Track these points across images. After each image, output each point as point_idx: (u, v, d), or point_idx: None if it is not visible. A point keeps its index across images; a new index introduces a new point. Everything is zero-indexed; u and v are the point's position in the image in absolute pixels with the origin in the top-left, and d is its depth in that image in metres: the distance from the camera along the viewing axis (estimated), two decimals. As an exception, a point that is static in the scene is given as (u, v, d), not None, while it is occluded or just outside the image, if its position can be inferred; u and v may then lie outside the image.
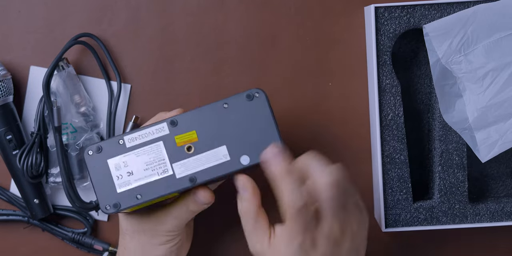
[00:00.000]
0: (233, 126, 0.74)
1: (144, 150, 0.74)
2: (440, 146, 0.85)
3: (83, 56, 0.88)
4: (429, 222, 0.85)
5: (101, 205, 0.73)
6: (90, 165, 0.74)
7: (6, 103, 0.84)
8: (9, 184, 0.88)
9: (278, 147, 0.70)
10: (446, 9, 0.84)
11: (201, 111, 0.74)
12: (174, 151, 0.73)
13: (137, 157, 0.74)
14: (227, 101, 0.74)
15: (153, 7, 0.88)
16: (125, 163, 0.73)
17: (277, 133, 0.74)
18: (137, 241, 0.78)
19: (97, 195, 0.74)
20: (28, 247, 0.89)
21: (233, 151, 0.74)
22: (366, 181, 0.89)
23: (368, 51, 0.87)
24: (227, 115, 0.74)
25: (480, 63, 0.81)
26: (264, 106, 0.74)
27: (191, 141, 0.74)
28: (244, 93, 0.74)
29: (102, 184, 0.73)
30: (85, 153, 0.74)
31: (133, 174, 0.74)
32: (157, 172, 0.74)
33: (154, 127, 0.74)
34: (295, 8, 0.88)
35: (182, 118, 0.74)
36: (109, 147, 0.74)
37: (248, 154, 0.74)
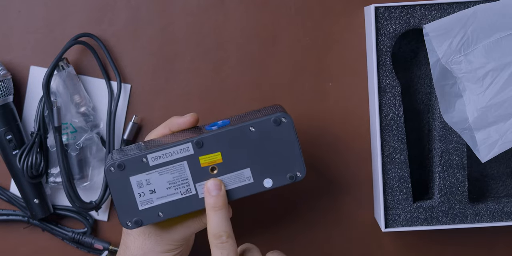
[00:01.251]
0: (258, 149, 0.74)
1: (168, 169, 0.74)
2: (440, 146, 0.85)
3: (83, 56, 0.88)
4: (429, 222, 0.85)
5: (122, 221, 0.73)
6: (112, 182, 0.73)
7: (6, 103, 0.84)
8: (9, 184, 0.88)
9: (216, 183, 0.73)
10: (446, 9, 0.84)
11: (227, 133, 0.74)
12: (198, 171, 0.74)
13: (160, 175, 0.74)
14: (254, 124, 0.74)
15: (153, 7, 0.88)
16: (147, 181, 0.73)
17: (301, 159, 0.75)
18: (141, 244, 0.77)
19: (118, 211, 0.74)
20: (28, 247, 0.89)
21: (257, 174, 0.74)
22: (366, 181, 0.89)
23: (368, 51, 0.87)
24: (253, 139, 0.74)
25: (480, 63, 0.81)
26: (290, 132, 0.74)
27: (216, 162, 0.74)
28: (271, 117, 0.74)
29: (124, 201, 0.73)
30: (107, 170, 0.73)
31: (156, 192, 0.74)
32: (180, 192, 0.74)
33: (179, 147, 0.74)
34: (295, 8, 0.88)
35: (207, 139, 0.74)
36: (132, 165, 0.73)
37: (272, 178, 0.74)
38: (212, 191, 0.73)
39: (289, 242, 0.90)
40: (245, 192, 0.75)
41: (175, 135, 0.77)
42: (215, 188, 0.73)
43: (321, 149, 0.89)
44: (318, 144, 0.89)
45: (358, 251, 0.90)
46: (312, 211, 0.90)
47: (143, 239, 0.77)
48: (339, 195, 0.89)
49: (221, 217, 0.72)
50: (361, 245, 0.90)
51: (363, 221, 0.90)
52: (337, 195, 0.90)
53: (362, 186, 0.89)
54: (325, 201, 0.89)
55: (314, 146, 0.89)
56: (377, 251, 0.90)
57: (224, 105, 0.89)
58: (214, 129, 0.74)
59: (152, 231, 0.77)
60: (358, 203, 0.90)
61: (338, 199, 0.89)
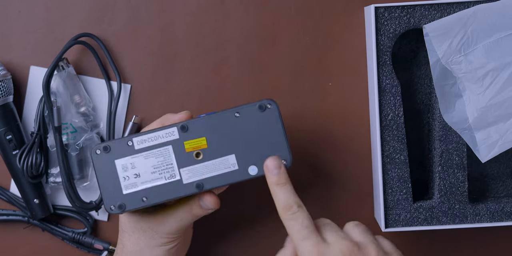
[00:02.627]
0: (243, 135, 0.74)
1: (153, 153, 0.74)
2: (440, 146, 0.85)
3: (83, 56, 0.88)
4: (429, 222, 0.85)
5: (106, 205, 0.73)
6: (97, 164, 0.74)
7: (6, 103, 0.84)
8: (9, 184, 0.89)
9: (275, 160, 0.72)
10: (446, 9, 0.84)
11: (212, 118, 0.74)
12: (183, 156, 0.73)
13: (145, 159, 0.74)
14: (239, 110, 0.74)
15: (153, 7, 0.88)
16: (132, 164, 0.73)
17: (287, 146, 0.74)
18: (136, 240, 0.78)
19: (102, 195, 0.74)
20: (28, 247, 0.89)
21: (242, 161, 0.74)
22: (366, 181, 0.89)
23: (368, 51, 0.87)
24: (238, 124, 0.74)
25: (480, 63, 0.81)
26: (275, 118, 0.74)
27: (200, 147, 0.74)
28: (257, 103, 0.74)
29: (108, 184, 0.73)
30: (93, 152, 0.73)
31: (140, 176, 0.74)
32: (164, 176, 0.74)
33: (164, 131, 0.74)
34: (295, 8, 0.88)
35: (192, 123, 0.74)
36: (118, 148, 0.73)
37: (257, 165, 0.74)
38: (273, 170, 0.72)
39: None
40: (229, 180, 0.74)
41: None
42: (275, 168, 0.72)
43: (321, 149, 0.89)
44: (318, 144, 0.89)
45: (358, 251, 0.90)
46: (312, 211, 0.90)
47: (138, 235, 0.77)
48: (339, 195, 0.89)
49: (287, 190, 0.71)
50: (361, 245, 0.90)
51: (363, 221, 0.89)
52: (337, 195, 0.90)
53: (362, 186, 0.89)
54: (325, 201, 0.89)
55: (314, 146, 0.89)
56: (377, 251, 0.90)
57: (224, 105, 0.89)
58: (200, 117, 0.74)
59: (145, 226, 0.77)
60: (358, 203, 0.90)
61: (338, 199, 0.89)
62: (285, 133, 0.74)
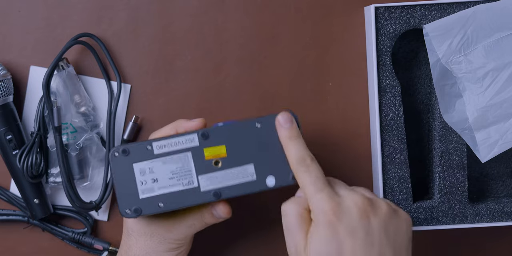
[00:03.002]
0: (263, 146, 0.74)
1: (172, 158, 0.73)
2: (440, 146, 0.85)
3: (83, 56, 0.88)
4: (429, 222, 0.85)
5: (121, 209, 0.73)
6: (114, 167, 0.73)
7: (6, 103, 0.84)
8: (9, 184, 0.89)
9: (286, 115, 0.73)
10: (446, 9, 0.84)
11: (233, 127, 0.74)
12: (202, 163, 0.73)
13: (164, 164, 0.73)
14: (261, 121, 0.74)
15: (153, 7, 0.88)
16: (150, 169, 0.73)
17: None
18: (143, 244, 0.77)
19: (118, 198, 0.73)
20: (28, 247, 0.89)
21: (260, 171, 0.74)
22: (366, 181, 0.89)
23: (368, 51, 0.87)
24: (258, 135, 0.74)
25: (480, 63, 0.81)
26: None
27: (220, 155, 0.74)
28: (277, 114, 0.74)
29: (125, 188, 0.73)
30: (111, 155, 0.73)
31: (158, 181, 0.73)
32: (182, 183, 0.73)
33: (185, 137, 0.73)
34: (295, 8, 0.88)
35: (213, 131, 0.74)
36: (136, 151, 0.73)
37: (275, 176, 0.74)
38: (284, 124, 0.73)
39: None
40: (247, 190, 0.74)
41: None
42: (287, 121, 0.73)
43: (321, 149, 0.89)
44: (318, 144, 0.89)
45: (358, 251, 0.90)
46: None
47: (145, 239, 0.77)
48: (339, 195, 0.89)
49: (300, 143, 0.72)
50: (361, 245, 0.90)
51: (363, 221, 0.90)
52: (337, 195, 0.89)
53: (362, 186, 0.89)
54: (325, 201, 0.89)
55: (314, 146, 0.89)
56: (377, 251, 0.90)
57: (224, 105, 0.89)
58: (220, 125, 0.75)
59: (154, 231, 0.77)
60: (358, 203, 0.90)
61: (338, 199, 0.89)
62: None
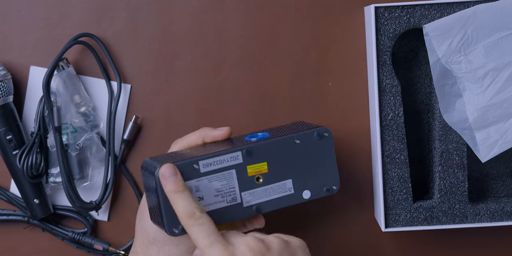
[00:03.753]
0: (300, 161, 0.76)
1: (217, 176, 0.74)
2: (440, 146, 0.85)
3: (83, 56, 0.88)
4: (429, 222, 0.85)
5: (168, 228, 0.72)
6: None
7: (6, 103, 0.84)
8: (9, 184, 0.88)
9: (170, 168, 0.71)
10: (446, 9, 0.84)
11: (275, 143, 0.75)
12: (245, 180, 0.75)
13: (209, 182, 0.73)
14: (299, 137, 0.76)
15: (153, 7, 0.88)
16: (197, 187, 0.73)
17: (337, 172, 0.78)
18: (167, 254, 0.76)
19: (164, 217, 0.72)
20: (28, 247, 0.89)
21: (297, 185, 0.76)
22: (366, 181, 0.89)
23: (368, 51, 0.87)
24: (297, 150, 0.76)
25: (480, 63, 0.81)
26: (330, 146, 0.77)
27: (262, 172, 0.75)
28: (315, 130, 0.77)
29: (172, 207, 0.72)
30: (158, 174, 0.71)
31: (204, 199, 0.73)
32: (226, 200, 0.74)
33: (229, 155, 0.74)
34: (295, 8, 0.88)
35: (256, 148, 0.75)
36: (184, 170, 0.72)
37: (310, 190, 0.77)
38: (169, 177, 0.70)
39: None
40: (285, 203, 0.76)
41: (213, 145, 0.76)
42: (171, 175, 0.70)
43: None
44: (318, 144, 0.89)
45: (358, 251, 0.90)
46: (312, 211, 0.90)
47: (170, 248, 0.75)
48: (339, 195, 0.89)
49: (186, 197, 0.70)
50: (361, 245, 0.90)
51: (363, 221, 0.90)
52: (337, 195, 0.89)
53: (362, 186, 0.89)
54: (325, 201, 0.89)
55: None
56: (377, 251, 0.90)
57: (224, 105, 0.89)
58: (255, 140, 0.76)
59: (182, 240, 0.75)
60: (358, 203, 0.90)
61: (338, 199, 0.89)
62: (335, 160, 0.78)
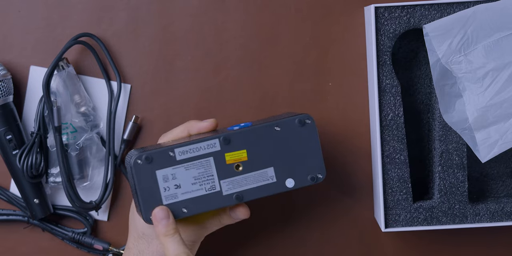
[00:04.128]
0: (282, 148, 0.76)
1: (194, 164, 0.74)
2: (440, 146, 0.85)
3: (83, 56, 0.88)
4: (429, 222, 0.85)
5: (145, 215, 0.73)
6: (138, 175, 0.73)
7: (6, 103, 0.84)
8: (9, 184, 0.88)
9: (163, 211, 0.72)
10: (446, 9, 0.84)
11: (253, 131, 0.75)
12: (223, 168, 0.74)
13: (186, 170, 0.74)
14: (279, 124, 0.75)
15: (153, 7, 0.88)
16: (173, 175, 0.73)
17: (322, 160, 0.76)
18: (156, 247, 0.77)
19: (141, 205, 0.73)
20: (28, 247, 0.89)
21: (280, 173, 0.76)
22: (366, 181, 0.89)
23: (368, 51, 0.87)
24: (278, 138, 0.75)
25: (480, 63, 0.81)
26: (313, 133, 0.76)
27: (241, 159, 0.75)
28: (296, 118, 0.76)
29: (148, 195, 0.73)
30: (133, 162, 0.73)
31: (181, 187, 0.74)
32: (204, 188, 0.74)
33: (206, 143, 0.74)
34: (295, 8, 0.88)
35: (234, 136, 0.74)
36: (159, 158, 0.73)
37: (294, 178, 0.76)
38: (160, 221, 0.72)
39: (289, 242, 0.90)
40: (267, 192, 0.75)
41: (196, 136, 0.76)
42: (164, 217, 0.72)
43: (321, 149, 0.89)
44: (318, 144, 0.89)
45: (358, 251, 0.90)
46: (312, 211, 0.90)
47: (158, 243, 0.76)
48: (339, 195, 0.89)
49: (177, 241, 0.72)
50: (361, 245, 0.90)
51: (363, 221, 0.90)
52: (337, 195, 0.90)
53: (362, 186, 0.89)
54: (325, 201, 0.89)
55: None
56: (377, 251, 0.90)
57: (224, 105, 0.89)
58: (237, 129, 0.75)
59: None
60: (358, 203, 0.90)
61: (338, 199, 0.89)
62: (320, 148, 0.76)
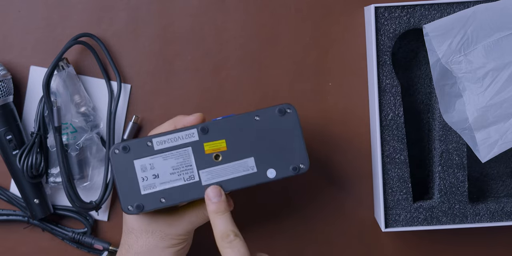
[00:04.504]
0: (262, 138, 0.75)
1: (172, 154, 0.74)
2: (440, 146, 0.85)
3: (83, 56, 0.88)
4: (429, 222, 0.85)
5: (123, 205, 0.73)
6: (115, 164, 0.73)
7: (6, 103, 0.84)
8: (9, 184, 0.89)
9: (215, 189, 0.73)
10: (446, 9, 0.84)
11: (232, 120, 0.74)
12: (202, 158, 0.74)
13: (164, 160, 0.74)
14: (259, 113, 0.75)
15: (153, 7, 0.88)
16: (151, 165, 0.73)
17: (305, 150, 0.75)
18: (144, 242, 0.77)
19: (119, 195, 0.73)
20: (28, 247, 0.89)
21: (261, 164, 0.75)
22: (366, 181, 0.89)
23: (368, 51, 0.87)
24: (258, 128, 0.75)
25: (480, 63, 0.81)
26: (294, 122, 0.75)
27: (220, 149, 0.74)
28: (276, 107, 0.75)
29: (126, 185, 0.73)
30: (111, 152, 0.73)
31: (159, 177, 0.74)
32: (183, 177, 0.74)
33: (184, 132, 0.74)
34: (295, 8, 0.88)
35: (212, 125, 0.74)
36: (137, 148, 0.73)
37: (275, 168, 0.75)
38: (213, 198, 0.73)
39: (289, 242, 0.90)
40: (248, 182, 0.75)
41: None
42: (216, 195, 0.73)
43: (321, 149, 0.89)
44: (318, 144, 0.89)
45: (358, 251, 0.90)
46: (312, 211, 0.90)
47: (147, 237, 0.77)
48: (339, 195, 0.89)
49: (226, 219, 0.72)
50: (361, 245, 0.90)
51: (363, 221, 0.90)
52: (337, 195, 0.90)
53: (362, 186, 0.89)
54: (325, 201, 0.89)
55: (314, 146, 0.89)
56: (377, 251, 0.90)
57: (224, 105, 0.89)
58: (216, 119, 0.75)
59: (156, 228, 0.77)
60: (358, 203, 0.90)
61: (338, 199, 0.90)
62: (302, 138, 0.75)
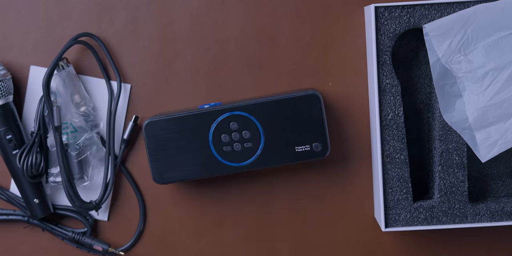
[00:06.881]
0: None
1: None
2: (440, 146, 0.85)
3: (83, 56, 0.88)
4: (429, 222, 0.85)
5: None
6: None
7: (6, 103, 0.84)
8: (9, 184, 0.89)
9: None
10: (446, 9, 0.84)
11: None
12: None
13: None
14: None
15: (153, 7, 0.88)
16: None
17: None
18: None
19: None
20: (28, 247, 0.89)
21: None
22: (366, 181, 0.89)
23: (368, 51, 0.87)
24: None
25: (480, 63, 0.81)
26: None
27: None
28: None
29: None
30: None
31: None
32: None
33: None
34: (295, 8, 0.88)
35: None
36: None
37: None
38: None
39: (289, 242, 0.90)
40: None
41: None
42: None
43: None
44: (318, 144, 0.89)
45: (358, 251, 0.90)
46: (312, 210, 0.90)
47: None
48: (339, 195, 0.89)
49: None
50: (361, 245, 0.90)
51: (363, 221, 0.90)
52: (337, 195, 0.90)
53: (362, 186, 0.89)
54: (325, 200, 0.89)
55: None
56: (377, 251, 0.90)
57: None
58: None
59: None
60: (358, 203, 0.90)
61: (338, 199, 0.89)
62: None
